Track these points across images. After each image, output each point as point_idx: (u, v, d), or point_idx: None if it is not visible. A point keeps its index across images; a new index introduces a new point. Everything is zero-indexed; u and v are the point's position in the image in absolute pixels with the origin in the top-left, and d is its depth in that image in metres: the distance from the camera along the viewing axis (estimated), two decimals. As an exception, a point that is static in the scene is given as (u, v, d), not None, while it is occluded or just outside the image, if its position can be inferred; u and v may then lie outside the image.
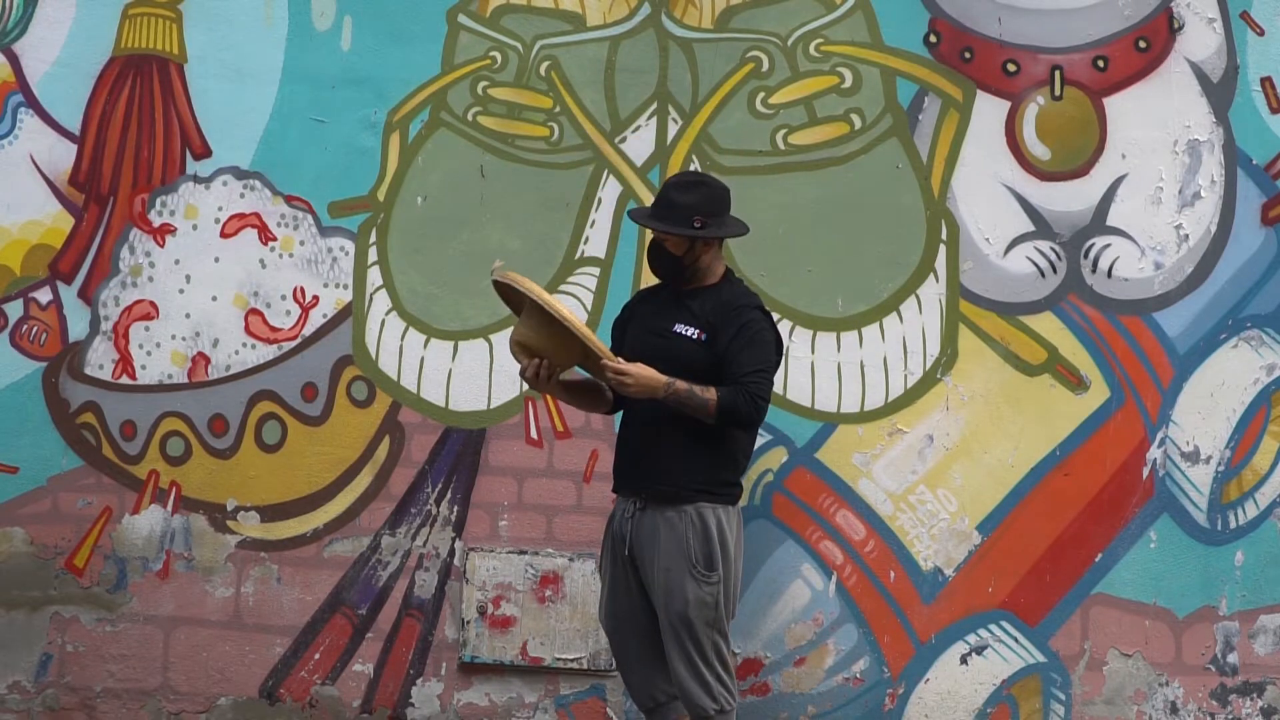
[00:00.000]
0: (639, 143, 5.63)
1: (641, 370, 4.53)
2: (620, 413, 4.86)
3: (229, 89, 5.62)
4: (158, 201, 5.62)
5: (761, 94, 5.62)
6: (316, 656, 5.52)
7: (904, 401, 5.57)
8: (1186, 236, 5.61)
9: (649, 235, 5.31)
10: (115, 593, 5.53)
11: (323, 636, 5.52)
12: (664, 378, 4.53)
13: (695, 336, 4.67)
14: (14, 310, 5.59)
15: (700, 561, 4.60)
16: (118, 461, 5.56)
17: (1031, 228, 5.61)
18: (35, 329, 5.58)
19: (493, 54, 5.66)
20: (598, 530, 5.47)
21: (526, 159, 5.63)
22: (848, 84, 5.63)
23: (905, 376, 5.58)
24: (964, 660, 5.52)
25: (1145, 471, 5.56)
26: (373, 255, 5.61)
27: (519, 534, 5.55)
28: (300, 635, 5.52)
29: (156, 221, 5.62)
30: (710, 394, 4.55)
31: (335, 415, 5.57)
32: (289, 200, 5.62)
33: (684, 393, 4.53)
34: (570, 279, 5.59)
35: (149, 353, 5.58)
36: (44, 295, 5.59)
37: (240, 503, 5.55)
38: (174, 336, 5.60)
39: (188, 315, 5.60)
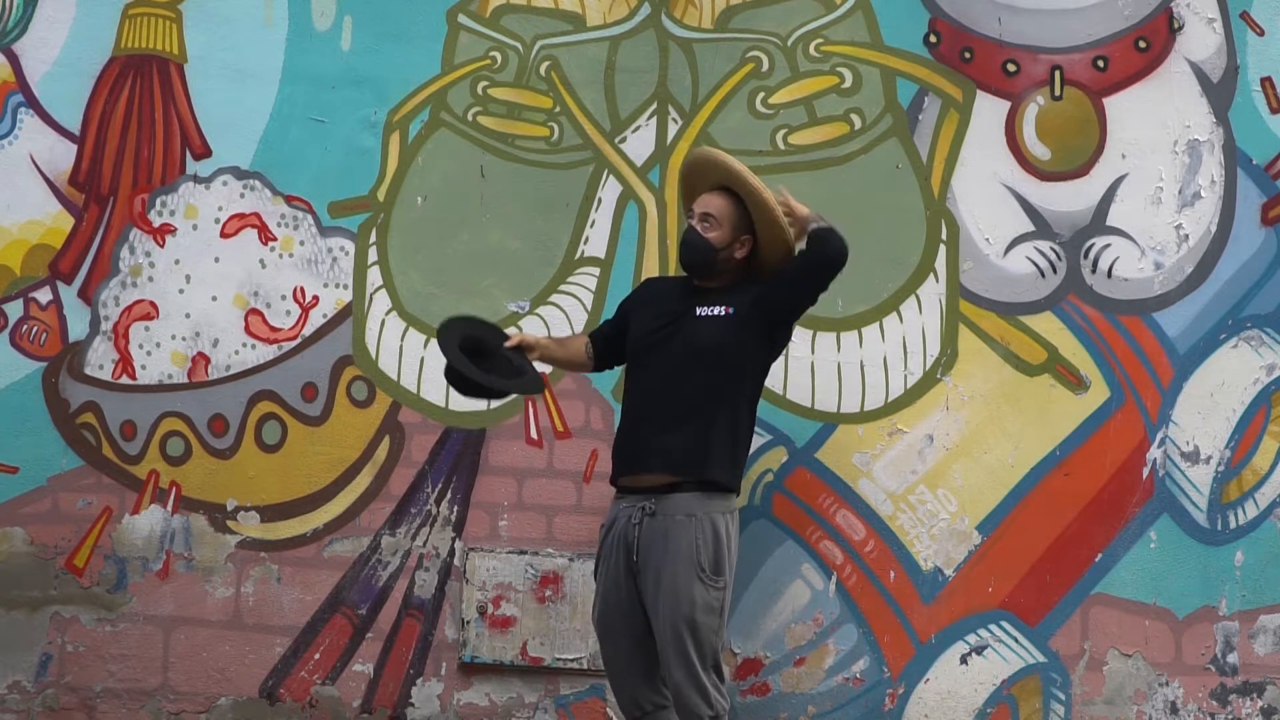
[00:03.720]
0: (639, 143, 5.63)
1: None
2: (623, 407, 4.84)
3: (229, 89, 5.63)
4: (158, 201, 5.63)
5: (761, 94, 5.62)
6: (316, 656, 5.52)
7: (904, 401, 5.57)
8: (1186, 236, 5.61)
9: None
10: (115, 593, 5.53)
11: (323, 636, 5.52)
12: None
13: (721, 313, 4.68)
14: (14, 310, 5.59)
15: (709, 566, 4.58)
16: (118, 461, 5.56)
17: (1031, 228, 5.61)
18: (35, 329, 5.58)
19: (493, 54, 5.66)
20: (598, 530, 5.47)
21: (526, 159, 5.63)
22: (848, 84, 5.63)
23: (905, 376, 5.58)
24: (964, 660, 5.52)
25: (1145, 471, 5.56)
26: (373, 255, 5.61)
27: (519, 534, 5.55)
28: (300, 635, 5.52)
29: (156, 221, 5.62)
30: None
31: (335, 415, 5.57)
32: (289, 200, 5.62)
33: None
34: (570, 279, 5.59)
35: (149, 353, 5.59)
36: (44, 295, 5.59)
37: (240, 503, 5.55)
38: (174, 336, 5.60)
39: (188, 315, 5.60)
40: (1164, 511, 5.56)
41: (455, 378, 4.79)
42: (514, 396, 5.49)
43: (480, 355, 4.78)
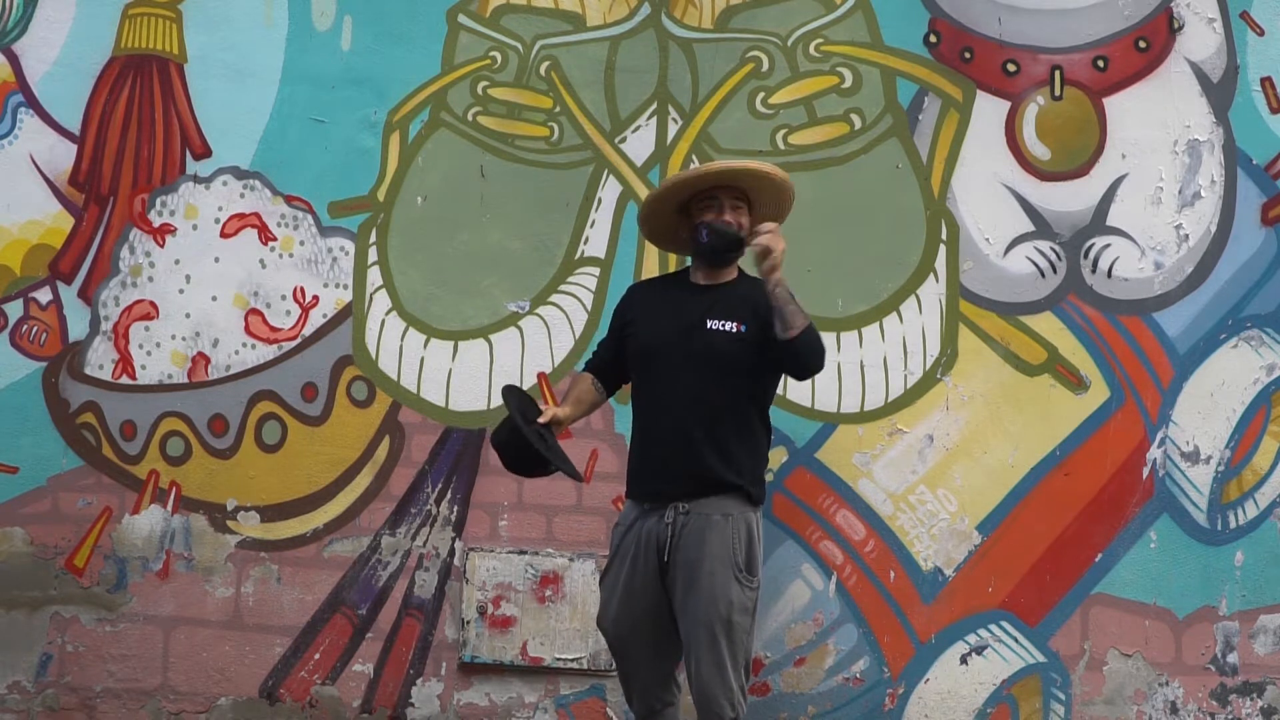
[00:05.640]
0: (639, 143, 5.63)
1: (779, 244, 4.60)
2: (632, 418, 4.80)
3: (229, 89, 5.63)
4: (158, 201, 5.63)
5: (761, 94, 5.63)
6: (316, 656, 5.52)
7: (904, 401, 5.57)
8: (1186, 236, 5.61)
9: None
10: (115, 593, 5.53)
11: (323, 636, 5.53)
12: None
13: (734, 330, 4.61)
14: (14, 310, 5.59)
15: (745, 566, 4.57)
16: (118, 461, 5.56)
17: (1031, 228, 5.61)
18: (35, 329, 5.59)
19: (493, 54, 5.66)
20: (598, 530, 5.48)
21: (526, 159, 5.63)
22: (848, 84, 5.63)
23: (905, 376, 5.58)
24: (964, 660, 5.52)
25: (1145, 471, 5.56)
26: (373, 255, 5.61)
27: (519, 534, 5.55)
28: (300, 635, 5.53)
29: (156, 221, 5.62)
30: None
31: (335, 415, 5.57)
32: (289, 200, 5.62)
33: (790, 296, 4.57)
34: (570, 279, 5.59)
35: (149, 353, 5.59)
36: (44, 295, 5.60)
37: (240, 503, 5.55)
38: (174, 336, 5.60)
39: (188, 315, 5.60)
40: (1164, 511, 5.56)
41: (515, 451, 4.64)
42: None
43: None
